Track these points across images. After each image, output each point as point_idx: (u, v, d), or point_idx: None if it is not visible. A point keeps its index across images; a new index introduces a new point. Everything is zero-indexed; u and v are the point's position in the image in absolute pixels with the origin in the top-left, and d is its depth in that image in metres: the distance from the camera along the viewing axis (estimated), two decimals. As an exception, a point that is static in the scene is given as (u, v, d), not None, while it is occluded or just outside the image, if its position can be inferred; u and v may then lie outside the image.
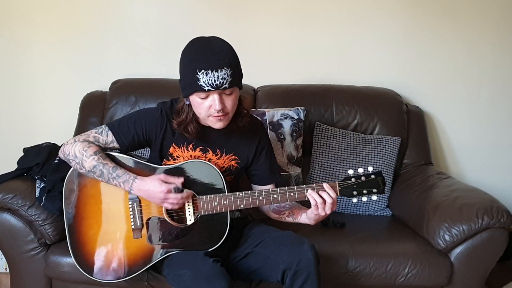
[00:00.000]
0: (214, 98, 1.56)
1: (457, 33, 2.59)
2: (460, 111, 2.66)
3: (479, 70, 2.63)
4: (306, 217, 1.70)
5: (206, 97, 1.57)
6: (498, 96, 2.66)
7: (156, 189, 1.60)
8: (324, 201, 1.60)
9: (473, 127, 2.68)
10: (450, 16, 2.58)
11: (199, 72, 1.52)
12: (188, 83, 1.56)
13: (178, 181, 1.63)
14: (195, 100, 1.59)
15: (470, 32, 2.59)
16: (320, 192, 1.61)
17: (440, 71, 2.63)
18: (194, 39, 1.61)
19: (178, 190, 1.61)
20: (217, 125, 1.63)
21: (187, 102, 1.64)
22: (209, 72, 1.51)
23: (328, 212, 1.62)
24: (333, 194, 1.61)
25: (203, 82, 1.52)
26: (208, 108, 1.58)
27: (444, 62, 2.62)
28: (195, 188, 1.66)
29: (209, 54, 1.53)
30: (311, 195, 1.61)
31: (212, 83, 1.52)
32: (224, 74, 1.53)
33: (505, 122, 2.68)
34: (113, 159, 1.68)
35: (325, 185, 1.62)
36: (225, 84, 1.54)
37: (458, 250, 1.90)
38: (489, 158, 2.71)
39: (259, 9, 2.54)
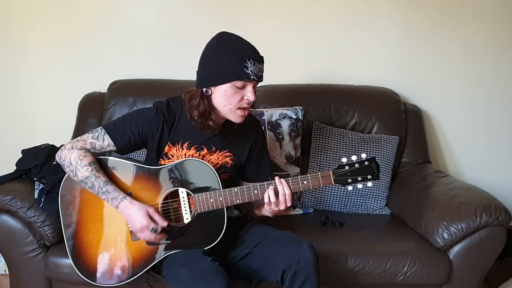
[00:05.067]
0: (250, 89, 1.60)
1: (454, 32, 2.60)
2: (458, 109, 2.67)
3: (476, 68, 2.64)
4: (266, 210, 1.71)
5: (243, 87, 1.59)
6: (494, 94, 2.67)
7: (138, 219, 1.60)
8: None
9: (470, 125, 2.69)
10: (447, 16, 2.58)
11: (248, 61, 1.55)
12: (231, 71, 1.56)
13: (162, 224, 1.62)
14: (229, 90, 1.59)
15: (466, 31, 2.60)
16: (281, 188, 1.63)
17: (437, 70, 2.63)
18: (225, 32, 1.63)
19: (155, 232, 1.61)
20: (240, 119, 1.65)
21: (207, 94, 1.63)
22: (256, 62, 1.57)
23: (282, 207, 1.63)
24: (287, 191, 1.62)
25: (251, 71, 1.56)
26: (240, 99, 1.61)
27: (441, 61, 2.63)
28: (190, 186, 1.66)
29: (252, 47, 1.59)
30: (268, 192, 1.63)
31: (256, 73, 1.57)
32: (262, 67, 1.60)
33: (502, 120, 2.69)
34: (109, 166, 1.67)
35: (282, 181, 1.63)
36: (262, 76, 1.61)
37: (456, 248, 1.90)
38: (487, 156, 2.71)
39: (256, 10, 2.55)
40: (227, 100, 1.60)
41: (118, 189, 1.63)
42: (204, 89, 1.63)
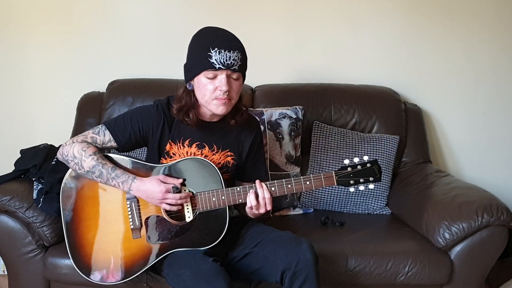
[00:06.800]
0: (221, 78, 1.58)
1: (454, 32, 2.59)
2: (458, 108, 2.66)
3: (476, 68, 2.63)
4: (247, 212, 1.72)
5: (214, 77, 1.59)
6: (495, 93, 2.66)
7: (155, 189, 1.60)
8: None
9: (471, 125, 2.68)
10: (447, 15, 2.58)
11: (212, 50, 1.54)
12: (198, 62, 1.58)
13: (177, 181, 1.63)
14: (201, 81, 1.60)
15: (466, 31, 2.59)
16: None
17: (437, 69, 2.63)
18: (205, 27, 1.64)
19: (177, 190, 1.62)
20: (220, 109, 1.63)
21: (190, 88, 1.64)
22: (222, 51, 1.55)
23: (262, 211, 1.64)
24: (267, 195, 1.63)
25: (215, 60, 1.55)
26: (214, 90, 1.59)
27: (442, 60, 2.62)
28: (193, 185, 1.66)
29: (222, 36, 1.59)
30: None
31: (223, 61, 1.55)
32: (236, 56, 1.57)
33: (502, 119, 2.68)
34: (111, 160, 1.67)
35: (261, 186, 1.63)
36: (235, 65, 1.57)
37: (458, 248, 1.90)
38: (488, 156, 2.70)
39: (256, 9, 2.54)
40: (201, 92, 1.62)
41: (126, 172, 1.64)
42: (187, 84, 1.65)
